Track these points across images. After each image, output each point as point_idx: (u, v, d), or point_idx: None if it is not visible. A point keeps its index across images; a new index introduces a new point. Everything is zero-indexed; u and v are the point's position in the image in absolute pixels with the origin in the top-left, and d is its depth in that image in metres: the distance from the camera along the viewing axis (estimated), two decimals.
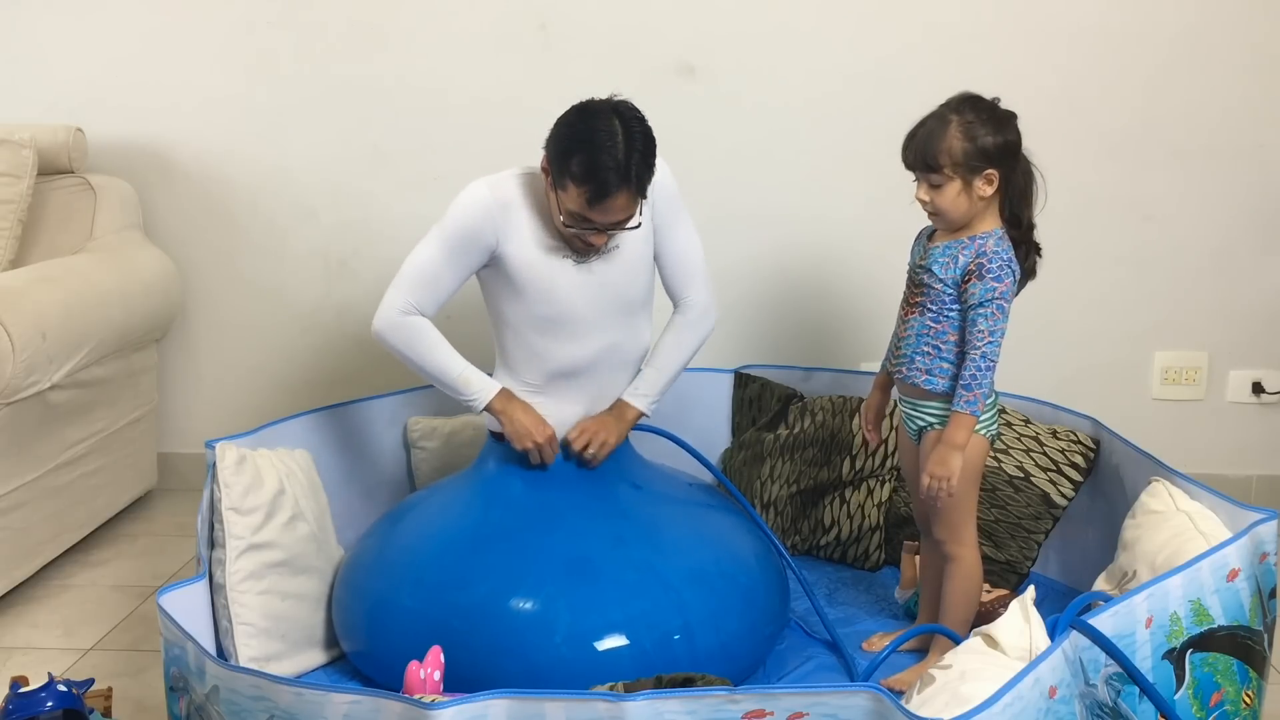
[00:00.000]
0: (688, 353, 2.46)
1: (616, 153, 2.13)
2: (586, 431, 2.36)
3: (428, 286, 2.29)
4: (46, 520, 2.76)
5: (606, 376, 2.38)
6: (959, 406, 2.14)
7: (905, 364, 2.24)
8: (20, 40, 3.23)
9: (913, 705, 1.61)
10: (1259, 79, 3.11)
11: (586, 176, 2.13)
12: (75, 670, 2.38)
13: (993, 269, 2.12)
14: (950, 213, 2.14)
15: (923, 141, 2.13)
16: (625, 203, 2.18)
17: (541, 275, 2.29)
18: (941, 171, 2.11)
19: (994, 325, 2.12)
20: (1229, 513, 2.07)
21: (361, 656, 2.27)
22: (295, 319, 3.33)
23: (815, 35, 3.13)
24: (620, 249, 2.32)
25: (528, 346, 2.34)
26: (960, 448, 2.14)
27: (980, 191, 2.12)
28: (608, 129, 2.14)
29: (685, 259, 2.43)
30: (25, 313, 2.55)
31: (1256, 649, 1.94)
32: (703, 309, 2.46)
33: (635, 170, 2.15)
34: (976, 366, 2.12)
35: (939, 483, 2.15)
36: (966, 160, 2.10)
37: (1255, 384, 3.24)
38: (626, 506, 2.37)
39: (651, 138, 2.20)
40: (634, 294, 2.37)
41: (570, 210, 2.19)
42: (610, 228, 2.22)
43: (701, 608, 2.17)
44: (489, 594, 2.14)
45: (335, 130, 3.23)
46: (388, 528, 2.42)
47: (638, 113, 2.20)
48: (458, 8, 3.16)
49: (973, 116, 2.11)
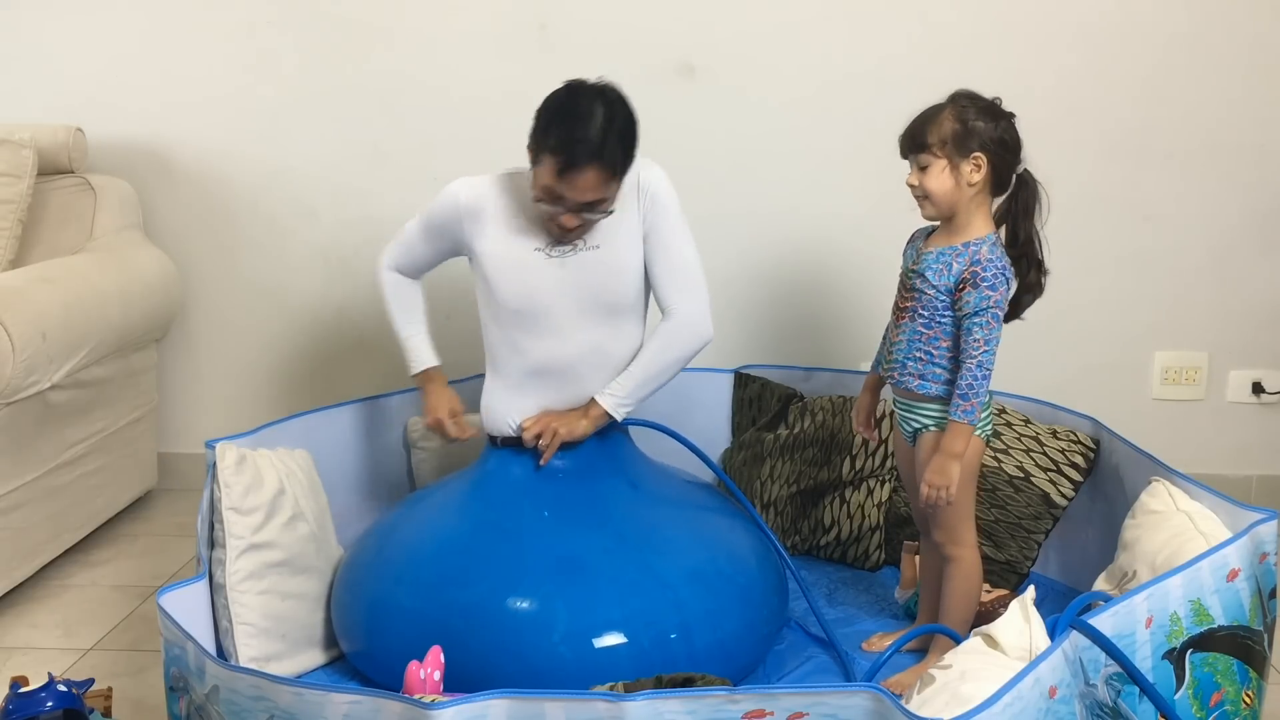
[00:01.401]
0: (666, 362, 2.38)
1: (592, 127, 2.15)
2: (540, 422, 2.36)
3: (408, 253, 2.48)
4: (46, 520, 2.75)
5: (589, 378, 2.37)
6: (956, 416, 2.13)
7: (898, 369, 2.24)
8: (21, 40, 3.23)
9: (913, 705, 1.61)
10: (1259, 79, 3.11)
11: (559, 147, 2.16)
12: (75, 670, 2.38)
13: (987, 277, 2.10)
14: (936, 195, 2.13)
15: (916, 124, 2.15)
16: (595, 180, 2.18)
17: (511, 268, 2.32)
18: (929, 150, 2.12)
19: (989, 334, 2.11)
20: (1229, 513, 2.07)
21: (361, 656, 2.27)
22: (295, 319, 3.33)
23: (815, 35, 3.14)
24: (601, 249, 2.33)
25: (507, 341, 2.37)
26: (958, 457, 2.14)
27: (968, 176, 2.12)
28: (588, 106, 2.18)
29: (675, 269, 2.37)
30: (25, 313, 2.55)
31: (1256, 649, 1.94)
32: (688, 321, 2.37)
33: (609, 148, 2.17)
34: (973, 375, 2.11)
35: (937, 491, 2.15)
36: (955, 140, 2.10)
37: (1255, 384, 3.24)
38: (625, 505, 2.37)
39: (632, 122, 2.23)
40: (616, 297, 2.36)
41: (543, 185, 2.22)
42: (581, 208, 2.22)
43: (699, 607, 2.18)
44: (487, 593, 2.15)
45: (335, 130, 3.23)
46: (386, 527, 2.42)
47: (623, 97, 2.23)
48: (458, 7, 3.16)
49: (968, 104, 2.13)
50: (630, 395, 2.38)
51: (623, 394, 2.37)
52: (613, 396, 2.37)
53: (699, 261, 2.40)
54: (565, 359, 2.35)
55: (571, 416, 2.37)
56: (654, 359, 2.39)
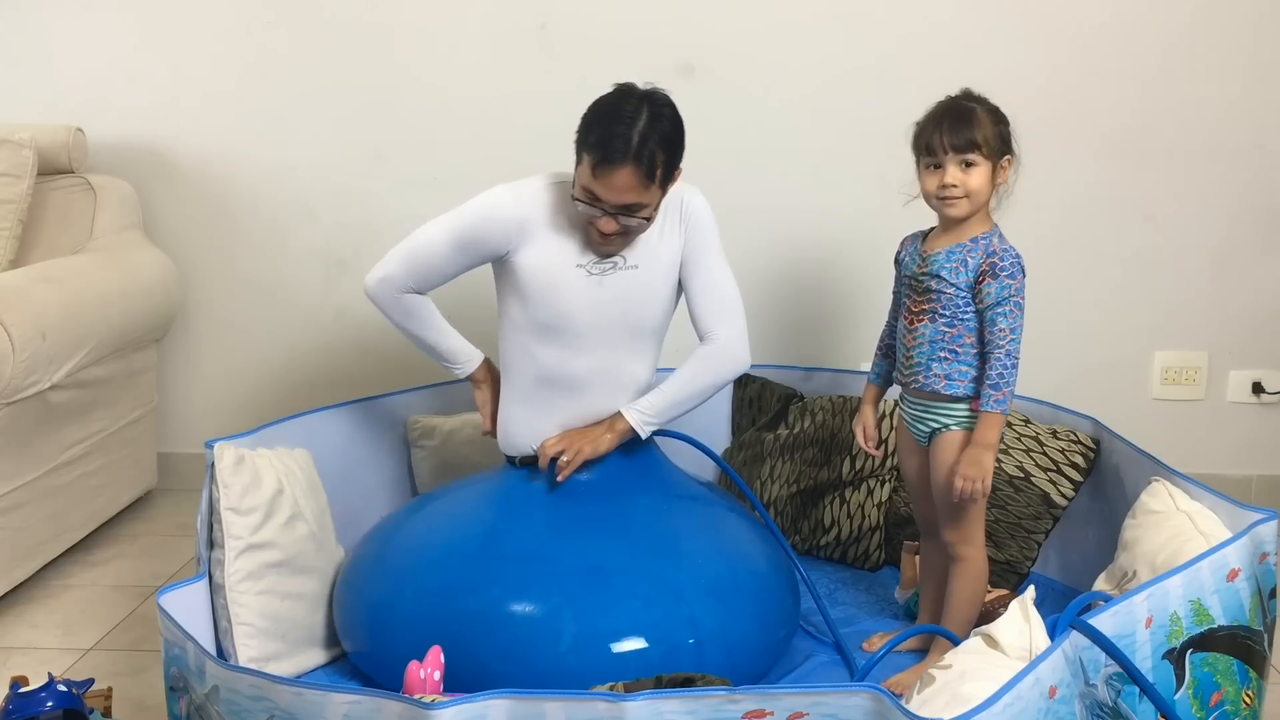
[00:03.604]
0: (701, 387, 2.35)
1: (633, 128, 2.15)
2: (563, 439, 2.32)
3: (429, 270, 2.34)
4: (46, 520, 2.75)
5: (596, 397, 2.35)
6: (988, 406, 2.13)
7: (921, 371, 2.23)
8: (20, 40, 3.23)
9: (913, 705, 1.61)
10: (1259, 79, 3.11)
11: (597, 144, 2.16)
12: (75, 670, 2.38)
13: (1005, 266, 2.13)
14: (978, 194, 2.14)
15: (957, 122, 2.13)
16: (630, 180, 2.16)
17: (551, 283, 2.29)
18: (980, 151, 2.13)
19: (1014, 322, 2.13)
20: (1229, 513, 2.07)
21: (365, 657, 2.27)
22: (295, 319, 3.33)
23: (815, 34, 3.14)
24: (639, 269, 2.32)
25: (522, 346, 2.35)
26: (993, 447, 2.15)
27: (1001, 178, 2.16)
28: (633, 108, 2.17)
29: (716, 295, 2.35)
30: (25, 313, 2.55)
31: (1256, 649, 1.94)
32: (726, 347, 2.34)
33: (647, 150, 2.15)
34: (1003, 365, 2.13)
35: (973, 484, 2.14)
36: (997, 143, 2.14)
37: (1255, 384, 3.24)
38: (646, 516, 2.33)
39: (678, 129, 2.22)
40: (643, 319, 2.35)
41: (581, 183, 2.21)
42: (618, 210, 2.20)
43: (713, 622, 2.15)
44: (496, 600, 2.12)
45: (335, 130, 3.23)
46: (395, 529, 2.40)
47: (670, 103, 2.22)
48: (458, 7, 3.16)
49: (990, 107, 2.17)
50: (659, 415, 2.34)
51: (651, 412, 2.34)
52: (640, 413, 2.34)
53: (737, 289, 2.38)
54: (576, 374, 2.33)
55: (594, 432, 2.33)
56: (689, 382, 2.35)
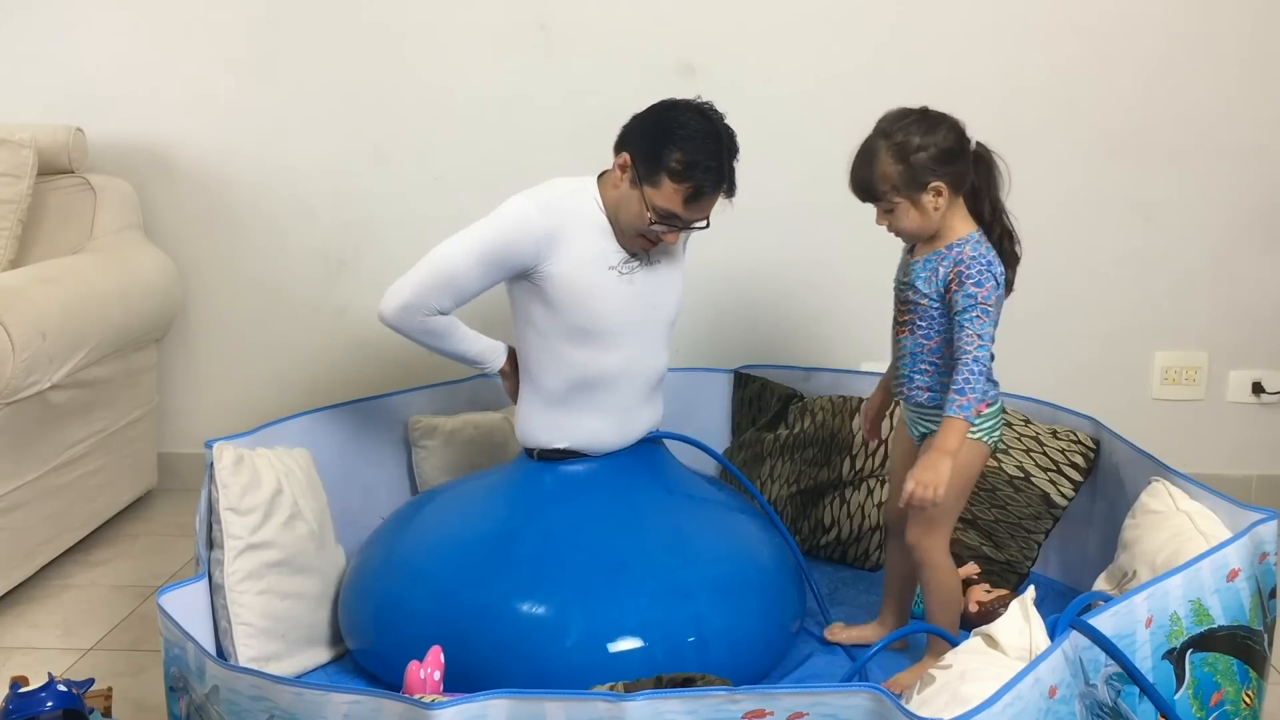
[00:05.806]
0: None
1: (717, 152, 2.21)
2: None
3: (458, 292, 2.29)
4: (46, 520, 2.75)
5: (626, 390, 2.37)
6: (951, 412, 2.07)
7: (905, 383, 2.22)
8: (20, 40, 3.23)
9: (913, 705, 1.61)
10: (1259, 79, 3.11)
11: (687, 174, 2.19)
12: (75, 670, 2.38)
13: (972, 274, 2.09)
14: (912, 232, 2.14)
15: (860, 174, 2.13)
16: (715, 202, 2.26)
17: (586, 290, 2.29)
18: (887, 198, 2.11)
19: (980, 329, 2.08)
20: (1229, 513, 2.07)
21: (369, 655, 2.26)
22: (295, 319, 3.33)
23: (815, 34, 3.13)
24: (659, 263, 2.36)
25: (553, 352, 2.33)
26: (951, 453, 2.07)
27: (933, 204, 2.10)
28: (706, 128, 2.21)
29: None
30: (25, 313, 2.55)
31: (1256, 649, 1.94)
32: None
33: (730, 172, 2.24)
34: (969, 370, 2.08)
35: (925, 489, 2.05)
36: (905, 181, 2.08)
37: (1255, 384, 3.24)
38: (657, 515, 2.34)
39: (735, 139, 2.28)
40: (667, 311, 2.40)
41: (661, 207, 2.22)
42: (693, 226, 2.28)
43: (719, 621, 2.15)
44: (503, 596, 2.12)
45: (335, 130, 3.23)
46: (404, 525, 2.40)
47: (723, 116, 2.27)
48: (458, 8, 3.16)
49: (901, 137, 2.08)
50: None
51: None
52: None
53: None
54: (609, 371, 2.34)
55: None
56: None
